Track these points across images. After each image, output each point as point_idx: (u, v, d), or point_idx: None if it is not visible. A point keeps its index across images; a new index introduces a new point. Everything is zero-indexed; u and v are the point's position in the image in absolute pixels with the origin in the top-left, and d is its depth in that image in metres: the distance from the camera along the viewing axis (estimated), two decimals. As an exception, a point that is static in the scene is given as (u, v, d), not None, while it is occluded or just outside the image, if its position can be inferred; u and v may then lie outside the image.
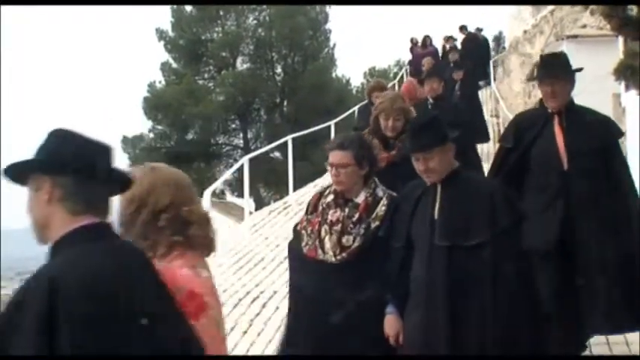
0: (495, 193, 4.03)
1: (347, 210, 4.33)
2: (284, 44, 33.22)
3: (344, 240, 4.24)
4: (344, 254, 4.20)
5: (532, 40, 18.52)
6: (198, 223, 2.83)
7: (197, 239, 2.82)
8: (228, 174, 16.82)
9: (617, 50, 7.36)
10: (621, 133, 5.19)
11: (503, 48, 24.46)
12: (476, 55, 19.70)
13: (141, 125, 39.27)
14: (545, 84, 4.92)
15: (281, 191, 24.52)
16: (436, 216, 4.01)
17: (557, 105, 4.90)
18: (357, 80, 37.44)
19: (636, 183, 7.49)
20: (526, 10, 20.09)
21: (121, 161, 33.23)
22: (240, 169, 13.32)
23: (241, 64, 33.78)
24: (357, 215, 4.29)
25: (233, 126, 33.98)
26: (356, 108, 19.62)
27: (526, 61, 18.74)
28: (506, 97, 19.90)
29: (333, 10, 40.22)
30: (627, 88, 6.92)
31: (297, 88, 32.90)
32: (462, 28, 21.42)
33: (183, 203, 2.81)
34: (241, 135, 33.81)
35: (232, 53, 33.26)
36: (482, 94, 20.14)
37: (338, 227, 4.27)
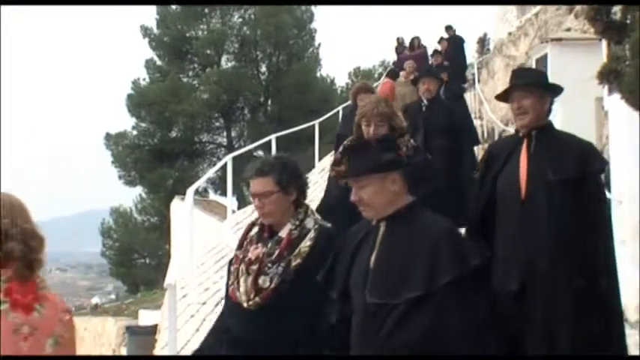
0: (442, 240, 3.19)
1: (269, 245, 3.72)
2: (269, 43, 33.22)
3: (260, 281, 3.63)
4: (257, 299, 3.60)
5: (516, 42, 18.57)
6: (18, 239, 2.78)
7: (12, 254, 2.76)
8: (211, 172, 16.75)
9: (600, 54, 7.38)
10: (604, 163, 4.32)
11: (488, 50, 24.47)
12: (456, 57, 19.74)
13: (124, 122, 39.24)
14: (514, 98, 4.22)
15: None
16: (371, 265, 3.27)
17: (526, 124, 4.18)
18: (341, 80, 37.54)
19: (623, 190, 7.53)
20: (511, 12, 20.14)
21: (104, 158, 33.16)
22: (224, 168, 13.28)
23: (226, 63, 33.77)
24: (276, 252, 3.66)
25: (217, 124, 33.94)
26: (340, 108, 19.61)
27: (510, 63, 18.77)
28: (490, 99, 19.92)
29: (318, 10, 40.27)
30: (610, 91, 6.93)
31: (281, 87, 32.90)
32: (449, 29, 21.40)
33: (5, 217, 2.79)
34: (225, 133, 33.77)
35: (217, 51, 33.22)
36: (467, 96, 20.17)
37: (255, 267, 3.67)
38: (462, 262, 3.12)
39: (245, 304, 3.63)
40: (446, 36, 21.28)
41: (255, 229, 3.90)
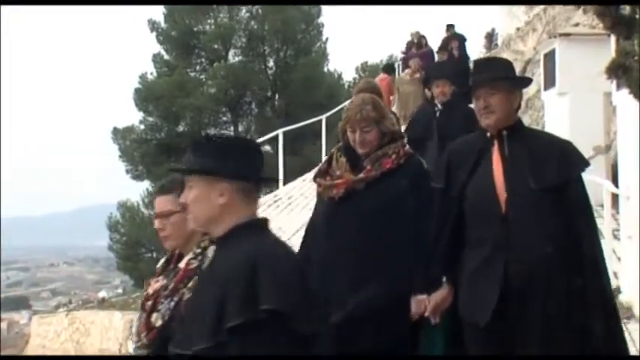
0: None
1: (169, 278, 3.26)
2: (276, 38, 33.18)
3: (152, 319, 3.19)
4: (144, 340, 3.17)
5: (524, 37, 18.55)
6: None
7: None
8: (218, 167, 16.72)
9: (609, 49, 7.35)
10: (585, 164, 3.84)
11: (496, 45, 24.45)
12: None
13: (131, 117, 39.19)
14: (478, 95, 3.73)
15: (271, 184, 24.47)
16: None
17: (494, 123, 3.70)
18: (348, 75, 37.52)
19: (630, 185, 7.52)
20: (519, 7, 20.11)
21: (111, 152, 33.21)
22: (231, 162, 13.28)
23: (233, 57, 33.73)
24: (172, 285, 3.19)
25: (224, 119, 33.92)
26: (347, 103, 19.62)
27: (518, 58, 18.76)
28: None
29: (326, 5, 40.15)
30: (618, 87, 6.91)
31: (288, 82, 32.86)
32: (450, 27, 21.32)
33: None
34: (232, 128, 33.75)
35: (224, 46, 33.19)
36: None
37: (150, 302, 3.24)
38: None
39: (134, 345, 3.22)
40: (446, 34, 21.20)
41: (163, 259, 3.48)
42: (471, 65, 23.04)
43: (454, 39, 20.16)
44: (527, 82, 4.19)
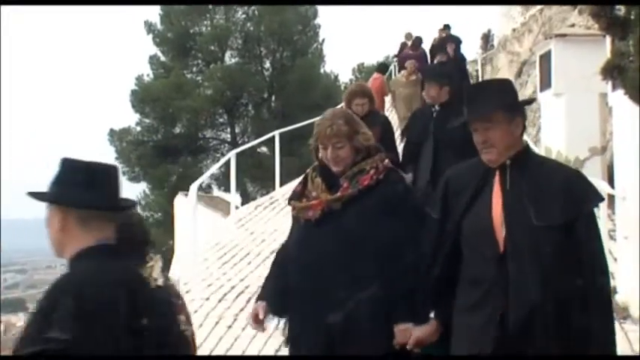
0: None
1: None
2: (273, 39, 33.19)
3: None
4: None
5: (521, 38, 18.57)
6: None
7: None
8: (215, 168, 16.75)
9: (605, 49, 7.36)
10: (598, 199, 3.35)
11: (492, 46, 24.47)
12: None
13: (128, 118, 39.18)
14: (475, 128, 3.34)
15: (267, 186, 24.48)
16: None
17: (495, 158, 3.31)
18: (345, 76, 37.43)
19: (626, 186, 7.53)
20: (515, 8, 20.14)
21: (107, 154, 33.14)
22: (227, 164, 13.30)
23: (230, 59, 33.75)
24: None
25: (221, 120, 33.93)
26: (344, 104, 19.58)
27: (514, 59, 18.79)
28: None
29: (322, 6, 40.20)
30: (614, 87, 6.92)
31: (285, 84, 32.87)
32: (446, 27, 21.28)
33: None
34: (229, 129, 33.76)
35: (221, 47, 33.20)
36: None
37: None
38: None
39: None
40: (439, 35, 21.17)
41: None
42: (475, 62, 23.12)
43: (450, 41, 20.09)
44: (525, 104, 3.65)
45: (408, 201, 3.80)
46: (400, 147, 7.70)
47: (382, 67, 18.49)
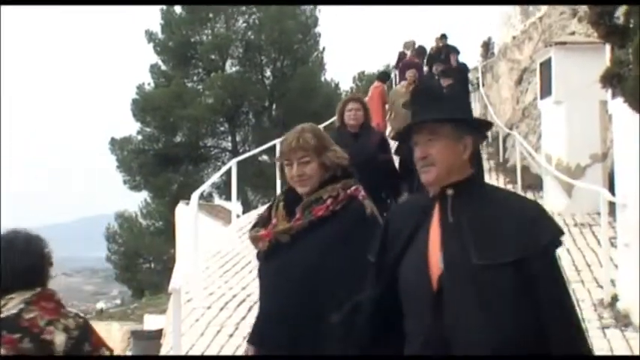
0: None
1: None
2: (273, 48, 33.25)
3: None
4: None
5: (521, 46, 18.58)
6: None
7: None
8: (216, 177, 16.77)
9: (604, 57, 7.38)
10: (557, 234, 2.68)
11: (493, 54, 24.49)
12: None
13: (129, 127, 39.22)
14: (416, 140, 2.78)
15: (269, 194, 24.48)
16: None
17: (434, 179, 2.73)
18: (346, 84, 37.49)
19: (627, 193, 7.54)
20: (515, 16, 20.16)
21: (109, 163, 33.20)
22: (228, 172, 13.30)
23: (230, 67, 33.81)
24: None
25: (222, 129, 33.98)
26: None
27: (515, 67, 18.80)
28: (494, 103, 19.97)
29: (322, 14, 40.29)
30: (614, 95, 6.94)
31: (285, 92, 32.92)
32: (442, 37, 21.28)
33: None
34: (230, 138, 33.80)
35: (222, 56, 33.27)
36: (471, 100, 20.20)
37: None
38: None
39: None
40: (436, 44, 21.16)
41: None
42: (475, 70, 23.11)
43: (448, 50, 20.02)
44: (482, 126, 2.96)
45: (364, 237, 3.14)
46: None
47: (383, 76, 18.39)
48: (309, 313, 3.27)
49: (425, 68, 20.19)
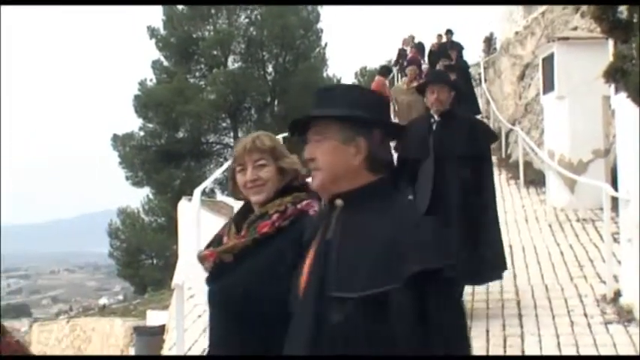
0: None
1: None
2: (275, 43, 33.23)
3: None
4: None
5: (523, 41, 18.56)
6: None
7: None
8: (218, 173, 16.71)
9: (607, 52, 7.36)
10: (433, 263, 2.10)
11: (495, 49, 24.47)
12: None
13: (131, 123, 39.16)
14: (307, 139, 2.23)
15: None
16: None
17: (319, 186, 2.30)
18: (348, 80, 37.46)
19: (630, 189, 7.53)
20: (517, 11, 20.12)
21: (111, 159, 33.22)
22: (231, 168, 13.28)
23: (232, 63, 33.79)
24: None
25: (224, 125, 33.98)
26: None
27: (517, 62, 18.77)
28: (497, 98, 19.95)
29: (324, 10, 40.23)
30: (617, 90, 6.92)
31: (288, 88, 32.90)
32: (448, 32, 21.26)
33: None
34: (232, 134, 33.79)
35: (224, 52, 33.25)
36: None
37: None
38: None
39: None
40: (438, 41, 21.11)
41: None
42: (478, 66, 23.10)
43: (453, 48, 19.97)
44: (388, 127, 2.50)
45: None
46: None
47: (384, 70, 18.29)
48: (249, 344, 2.94)
49: (425, 65, 20.14)
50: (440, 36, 21.48)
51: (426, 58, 21.27)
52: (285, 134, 16.70)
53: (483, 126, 7.63)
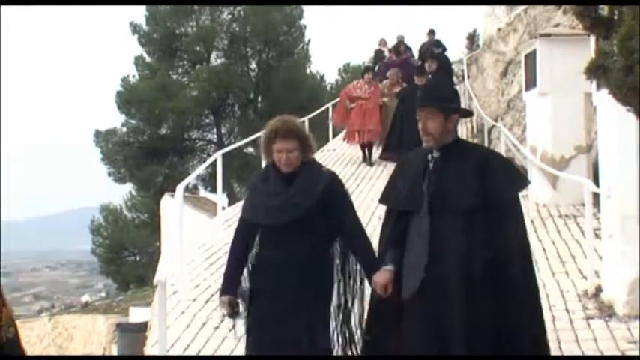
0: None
1: None
2: (258, 40, 33.18)
3: None
4: None
5: (506, 38, 18.60)
6: None
7: None
8: (201, 169, 16.74)
9: (589, 49, 7.41)
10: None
11: (477, 46, 24.54)
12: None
13: (114, 119, 39.03)
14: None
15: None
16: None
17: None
18: (331, 77, 37.61)
19: (611, 185, 7.58)
20: (500, 8, 20.17)
21: (93, 155, 33.05)
22: (214, 165, 13.27)
23: (215, 59, 33.74)
24: None
25: (207, 121, 33.92)
26: (330, 104, 19.58)
27: (500, 59, 18.82)
28: (480, 95, 20.00)
29: (308, 6, 40.23)
30: (598, 87, 6.96)
31: (271, 84, 32.87)
32: (431, 33, 21.20)
33: None
34: (215, 130, 33.74)
35: (206, 48, 33.18)
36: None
37: None
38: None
39: None
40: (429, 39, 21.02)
41: None
42: (460, 62, 23.13)
43: (435, 47, 19.56)
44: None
45: None
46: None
47: (368, 71, 18.18)
48: None
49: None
50: (429, 34, 21.42)
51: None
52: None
53: (503, 162, 4.58)
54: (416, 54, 20.61)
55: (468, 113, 5.09)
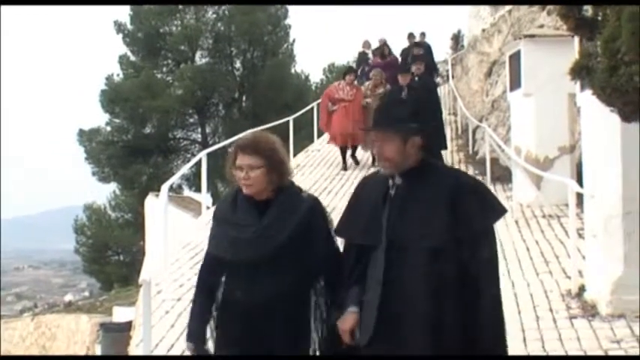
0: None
1: None
2: (243, 39, 33.14)
3: None
4: None
5: (490, 39, 18.68)
6: None
7: None
8: (185, 168, 16.70)
9: (573, 50, 7.44)
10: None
11: (462, 46, 24.64)
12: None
13: (98, 118, 38.82)
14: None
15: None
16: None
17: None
18: (316, 76, 37.55)
19: (595, 184, 7.62)
20: (484, 9, 20.26)
21: (77, 154, 32.92)
22: (198, 164, 13.25)
23: (200, 59, 33.66)
24: None
25: (191, 120, 33.83)
26: (315, 104, 19.59)
27: (484, 59, 18.90)
28: (464, 95, 20.06)
29: (292, 6, 40.25)
30: (582, 88, 6.99)
31: (256, 84, 32.84)
32: (410, 36, 21.16)
33: None
34: (199, 129, 33.67)
35: (191, 47, 33.09)
36: (440, 92, 20.29)
37: None
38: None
39: None
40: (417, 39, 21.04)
41: None
42: (445, 62, 23.09)
43: (418, 63, 19.26)
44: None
45: None
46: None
47: (349, 72, 18.05)
48: None
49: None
50: (422, 34, 21.39)
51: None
52: (254, 129, 16.68)
53: (477, 188, 3.88)
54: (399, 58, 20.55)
55: (432, 131, 4.48)
